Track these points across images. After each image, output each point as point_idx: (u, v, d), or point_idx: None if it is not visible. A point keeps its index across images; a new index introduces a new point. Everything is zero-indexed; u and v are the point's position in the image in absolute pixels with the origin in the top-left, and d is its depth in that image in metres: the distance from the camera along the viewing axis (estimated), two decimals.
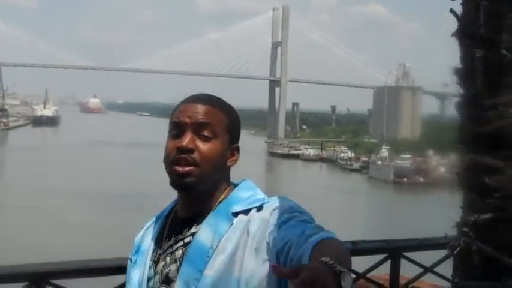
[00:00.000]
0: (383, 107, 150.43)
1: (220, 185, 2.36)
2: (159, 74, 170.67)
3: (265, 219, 2.24)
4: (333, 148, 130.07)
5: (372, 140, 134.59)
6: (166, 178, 2.35)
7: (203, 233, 2.26)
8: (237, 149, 2.39)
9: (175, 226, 2.35)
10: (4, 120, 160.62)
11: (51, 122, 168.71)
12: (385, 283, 4.75)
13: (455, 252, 3.83)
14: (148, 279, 2.33)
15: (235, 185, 2.40)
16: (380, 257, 4.71)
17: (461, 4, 3.68)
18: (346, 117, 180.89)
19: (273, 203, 2.30)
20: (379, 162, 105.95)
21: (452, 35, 3.73)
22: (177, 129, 2.28)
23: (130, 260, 2.48)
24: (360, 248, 4.78)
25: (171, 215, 2.42)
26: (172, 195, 2.45)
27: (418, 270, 4.78)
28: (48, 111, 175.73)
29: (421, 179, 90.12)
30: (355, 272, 4.59)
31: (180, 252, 2.28)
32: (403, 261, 4.72)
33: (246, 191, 2.37)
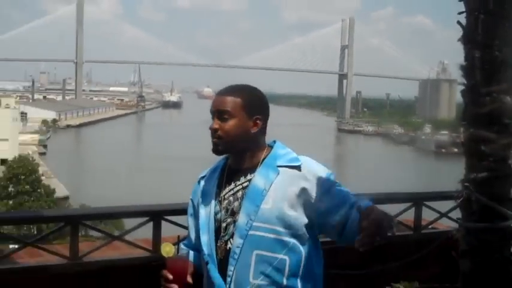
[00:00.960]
0: (426, 94, 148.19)
1: (256, 146, 2.43)
2: (256, 69, 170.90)
3: (309, 181, 2.34)
4: (387, 126, 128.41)
5: (417, 120, 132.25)
6: None
7: (257, 179, 2.35)
8: (259, 119, 2.42)
9: (232, 175, 2.44)
10: (142, 104, 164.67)
11: (176, 105, 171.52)
12: (411, 224, 4.80)
13: (459, 201, 3.87)
14: (216, 214, 2.42)
15: (270, 146, 2.47)
16: (407, 204, 4.76)
17: (465, 17, 3.69)
18: (398, 102, 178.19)
19: (310, 165, 2.40)
20: (423, 137, 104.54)
21: (458, 40, 3.75)
22: (212, 115, 2.43)
23: (192, 200, 2.59)
24: (392, 197, 4.86)
25: (225, 168, 2.50)
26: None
27: (436, 215, 4.81)
28: (173, 98, 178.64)
29: (456, 150, 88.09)
30: None
31: (240, 193, 2.38)
32: (424, 209, 4.77)
33: (281, 149, 2.45)
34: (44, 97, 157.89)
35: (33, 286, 3.30)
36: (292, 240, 2.32)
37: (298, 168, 2.37)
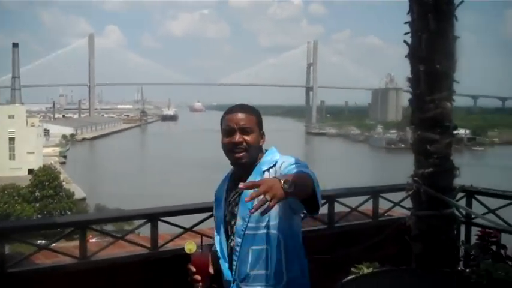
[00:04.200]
0: (378, 101, 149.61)
1: (257, 156, 2.42)
2: (238, 86, 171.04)
3: (276, 169, 2.31)
4: (346, 128, 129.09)
5: (371, 122, 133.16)
6: None
7: None
8: (264, 134, 2.45)
9: (234, 182, 2.42)
10: (145, 118, 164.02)
11: (172, 118, 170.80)
12: (370, 213, 4.69)
13: (410, 193, 3.77)
14: (225, 216, 2.46)
15: (266, 151, 2.46)
16: (366, 197, 4.65)
17: (410, 37, 3.60)
18: (354, 108, 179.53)
19: (283, 159, 2.34)
20: (376, 136, 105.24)
21: (406, 56, 3.65)
22: (229, 132, 2.38)
23: (215, 204, 2.58)
24: (354, 191, 4.74)
25: (232, 176, 2.51)
26: None
27: (390, 204, 4.70)
28: (170, 112, 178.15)
29: (403, 145, 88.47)
30: (349, 207, 4.52)
31: (238, 198, 2.39)
32: (380, 199, 4.65)
33: (269, 155, 2.42)
34: (63, 116, 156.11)
35: (51, 284, 3.13)
36: (274, 232, 2.31)
37: (275, 165, 2.34)
